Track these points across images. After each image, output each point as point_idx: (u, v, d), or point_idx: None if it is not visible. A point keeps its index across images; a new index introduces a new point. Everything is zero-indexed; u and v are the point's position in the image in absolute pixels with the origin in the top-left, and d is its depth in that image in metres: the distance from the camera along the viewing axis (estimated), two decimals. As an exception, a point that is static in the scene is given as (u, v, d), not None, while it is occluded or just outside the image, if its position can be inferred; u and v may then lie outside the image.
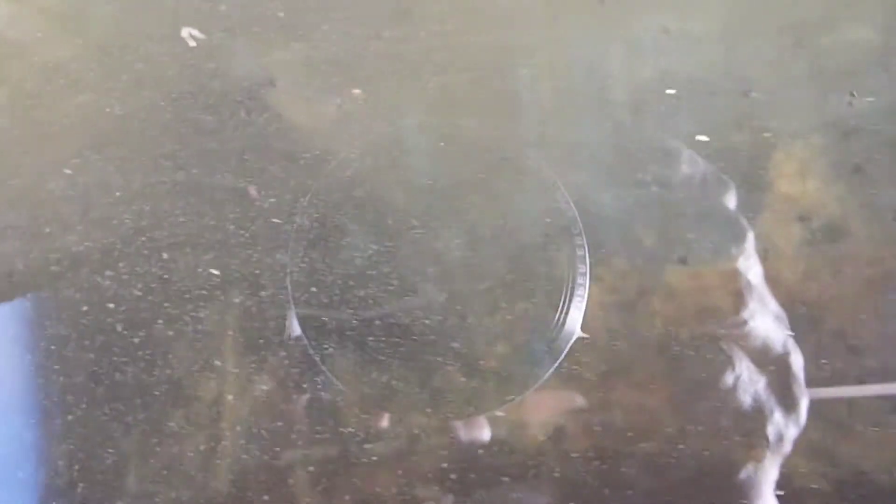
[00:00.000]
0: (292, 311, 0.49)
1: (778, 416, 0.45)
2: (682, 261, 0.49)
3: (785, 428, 0.45)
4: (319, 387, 0.49)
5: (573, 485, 0.50)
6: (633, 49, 0.48)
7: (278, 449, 0.49)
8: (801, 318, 0.47)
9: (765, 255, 0.48)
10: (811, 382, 0.47)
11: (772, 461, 0.45)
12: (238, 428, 0.49)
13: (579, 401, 0.49)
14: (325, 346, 0.50)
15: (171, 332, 0.50)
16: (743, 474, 0.45)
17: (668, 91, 0.46)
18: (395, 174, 0.50)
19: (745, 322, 0.44)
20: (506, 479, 0.49)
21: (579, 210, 0.50)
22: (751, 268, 0.45)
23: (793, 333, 0.46)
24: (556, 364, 0.48)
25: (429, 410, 0.50)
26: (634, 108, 0.48)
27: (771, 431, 0.45)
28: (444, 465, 0.49)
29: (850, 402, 0.47)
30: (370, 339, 0.50)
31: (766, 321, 0.45)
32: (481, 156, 0.49)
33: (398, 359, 0.50)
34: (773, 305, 0.45)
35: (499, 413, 0.49)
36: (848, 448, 0.46)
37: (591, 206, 0.50)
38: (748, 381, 0.44)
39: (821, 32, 0.46)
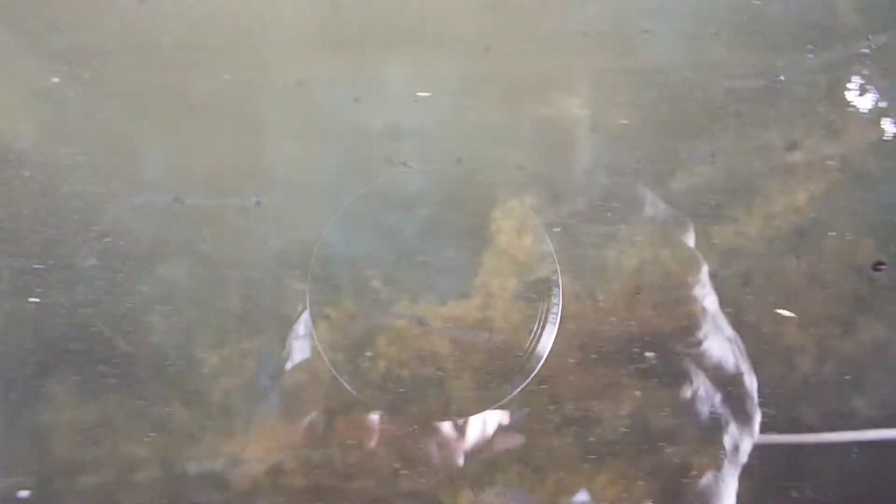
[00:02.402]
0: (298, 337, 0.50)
1: (733, 428, 0.48)
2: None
3: (740, 439, 0.48)
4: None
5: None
6: (378, 104, 0.51)
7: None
8: (513, 368, 0.50)
9: (485, 306, 0.51)
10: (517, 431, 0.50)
11: (730, 470, 0.48)
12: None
13: (297, 437, 0.50)
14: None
15: None
16: (704, 481, 0.47)
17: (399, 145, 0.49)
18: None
19: (700, 342, 0.47)
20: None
21: (321, 251, 0.51)
22: (706, 295, 0.48)
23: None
24: (525, 384, 0.49)
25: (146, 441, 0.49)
26: (368, 157, 0.51)
27: (727, 441, 0.48)
28: (155, 499, 0.49)
29: (550, 448, 0.50)
30: (94, 367, 0.49)
31: (720, 343, 0.48)
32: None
33: (119, 388, 0.49)
34: (727, 330, 0.48)
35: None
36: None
37: (327, 246, 0.51)
38: (705, 396, 0.47)
39: (538, 102, 0.50)
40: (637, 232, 0.50)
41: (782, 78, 0.49)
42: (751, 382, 0.48)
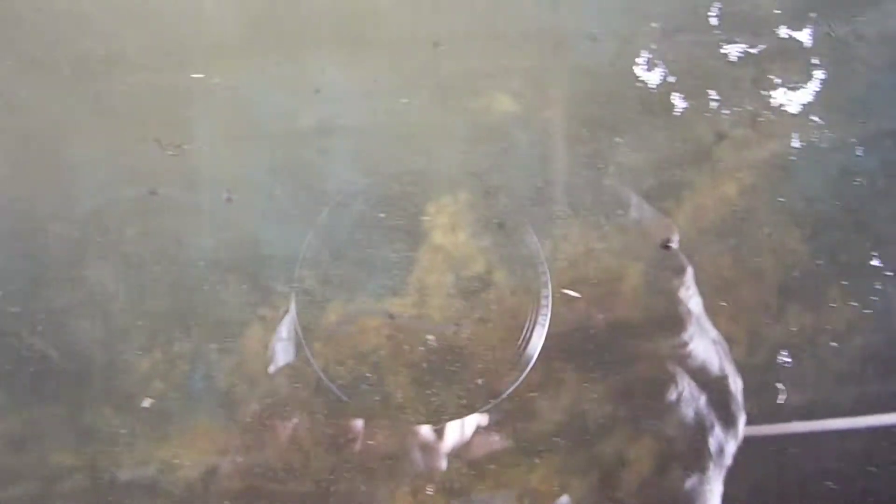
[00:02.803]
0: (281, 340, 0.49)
1: (718, 430, 0.47)
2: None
3: (725, 441, 0.48)
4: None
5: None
6: (296, 99, 0.50)
7: None
8: (451, 364, 0.50)
9: (421, 302, 0.51)
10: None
11: (715, 473, 0.47)
12: None
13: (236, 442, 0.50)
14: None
15: None
16: (689, 484, 0.47)
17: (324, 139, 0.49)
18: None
19: (685, 343, 0.47)
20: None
21: (246, 249, 0.51)
22: (691, 297, 0.48)
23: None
24: (519, 381, 0.48)
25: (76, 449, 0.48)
26: (296, 154, 0.50)
27: (712, 443, 0.47)
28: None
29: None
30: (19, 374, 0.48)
31: (705, 345, 0.47)
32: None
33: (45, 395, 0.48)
34: (712, 332, 0.48)
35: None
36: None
37: (261, 245, 0.51)
38: (690, 397, 0.47)
39: (469, 96, 0.51)
40: (570, 228, 0.51)
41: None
42: (735, 384, 0.48)
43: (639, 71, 0.47)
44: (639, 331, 0.50)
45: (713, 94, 0.47)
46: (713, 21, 0.48)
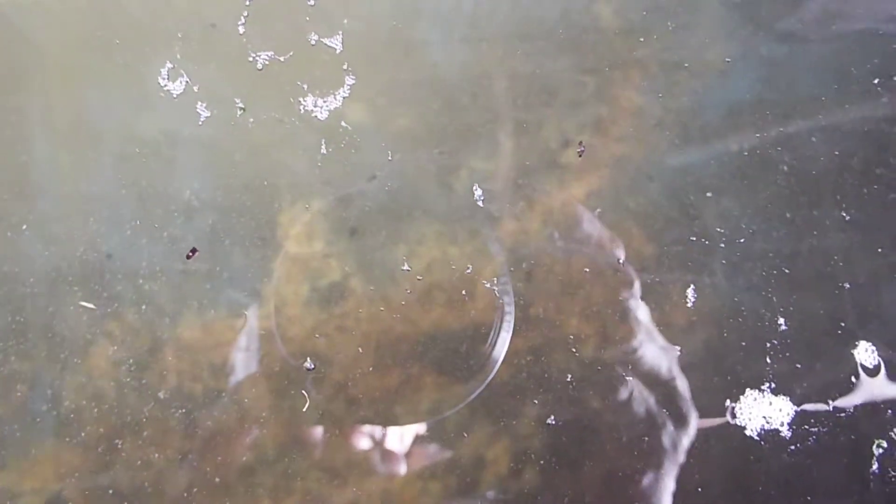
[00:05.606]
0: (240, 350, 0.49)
1: (671, 428, 0.50)
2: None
3: (678, 438, 0.50)
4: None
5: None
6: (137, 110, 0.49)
7: None
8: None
9: (277, 312, 0.50)
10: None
11: (669, 469, 0.50)
12: None
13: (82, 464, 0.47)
14: None
15: None
16: (646, 481, 0.50)
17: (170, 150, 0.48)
18: None
19: (635, 350, 0.50)
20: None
21: (90, 262, 0.49)
22: (639, 308, 0.51)
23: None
24: (486, 383, 0.50)
25: None
26: (144, 164, 0.49)
27: (666, 440, 0.50)
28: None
29: (346, 448, 0.50)
30: None
31: (653, 351, 0.50)
32: None
33: None
34: (659, 340, 0.51)
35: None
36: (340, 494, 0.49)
37: (106, 258, 0.49)
38: (640, 397, 0.50)
39: (320, 110, 0.51)
40: (424, 232, 0.51)
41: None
42: (683, 384, 0.51)
43: (162, 81, 0.48)
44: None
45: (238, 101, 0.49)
46: (241, 30, 0.48)
